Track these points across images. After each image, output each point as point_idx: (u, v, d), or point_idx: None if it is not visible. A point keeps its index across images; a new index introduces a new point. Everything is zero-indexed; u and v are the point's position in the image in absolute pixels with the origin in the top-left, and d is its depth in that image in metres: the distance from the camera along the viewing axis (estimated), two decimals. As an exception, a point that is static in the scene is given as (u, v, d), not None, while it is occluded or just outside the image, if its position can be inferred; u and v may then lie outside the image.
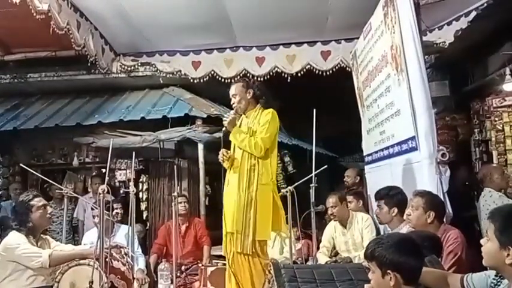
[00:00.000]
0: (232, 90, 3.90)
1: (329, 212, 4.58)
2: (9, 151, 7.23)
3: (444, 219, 3.32)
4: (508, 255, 1.74)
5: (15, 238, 3.43)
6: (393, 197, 3.66)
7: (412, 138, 3.75)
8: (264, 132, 3.69)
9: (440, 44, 5.66)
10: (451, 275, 2.28)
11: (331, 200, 4.54)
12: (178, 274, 4.59)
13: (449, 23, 5.54)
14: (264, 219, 3.68)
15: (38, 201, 3.56)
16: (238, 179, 3.71)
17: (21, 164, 5.14)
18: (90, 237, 4.66)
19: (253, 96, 3.87)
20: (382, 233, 4.36)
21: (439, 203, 3.20)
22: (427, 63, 4.66)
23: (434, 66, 6.24)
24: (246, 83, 3.95)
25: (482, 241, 1.90)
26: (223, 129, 3.84)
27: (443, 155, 3.51)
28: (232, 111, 3.86)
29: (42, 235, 3.66)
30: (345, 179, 5.75)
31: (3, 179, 7.16)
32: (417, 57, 3.64)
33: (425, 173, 3.56)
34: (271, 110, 3.81)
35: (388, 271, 1.95)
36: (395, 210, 3.61)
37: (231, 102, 3.91)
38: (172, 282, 4.24)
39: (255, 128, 3.77)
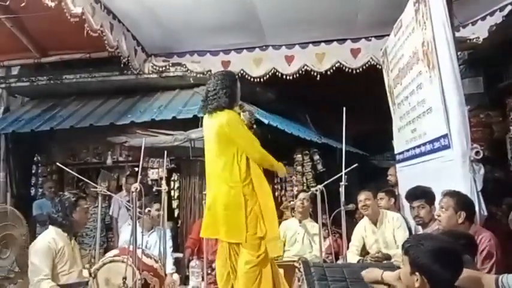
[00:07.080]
0: None
1: (361, 204, 4.54)
2: (46, 150, 7.48)
3: (478, 219, 3.26)
4: None
5: (41, 243, 3.56)
6: (431, 195, 3.64)
7: (445, 136, 3.68)
8: None
9: (474, 40, 5.54)
10: (485, 275, 2.25)
11: (365, 194, 4.51)
12: (209, 271, 4.62)
13: (483, 18, 5.42)
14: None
15: (84, 204, 3.85)
16: None
17: (57, 163, 5.31)
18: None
19: None
20: (414, 232, 4.31)
21: (469, 203, 3.14)
22: (460, 60, 4.57)
23: (468, 63, 6.10)
24: None
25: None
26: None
27: (477, 153, 3.44)
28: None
29: (74, 240, 3.85)
30: (388, 178, 5.73)
31: (42, 177, 7.40)
32: (449, 54, 3.57)
33: (459, 172, 3.48)
34: None
35: (416, 272, 1.92)
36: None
37: None
38: (203, 280, 4.25)
39: None
